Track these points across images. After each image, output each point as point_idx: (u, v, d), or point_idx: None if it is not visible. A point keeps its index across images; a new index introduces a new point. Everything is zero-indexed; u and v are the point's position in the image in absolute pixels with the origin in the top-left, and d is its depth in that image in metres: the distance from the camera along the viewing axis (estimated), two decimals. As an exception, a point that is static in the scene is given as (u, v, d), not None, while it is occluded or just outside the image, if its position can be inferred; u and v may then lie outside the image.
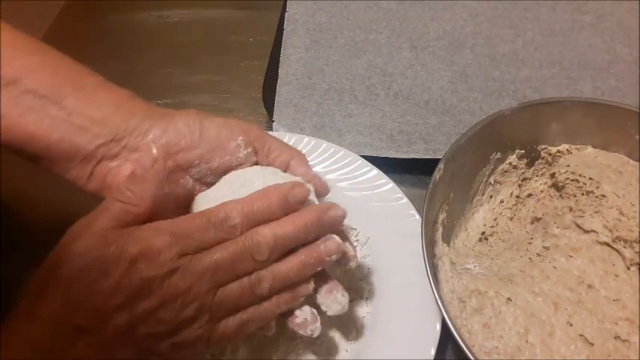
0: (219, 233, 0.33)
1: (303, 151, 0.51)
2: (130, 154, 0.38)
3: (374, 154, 0.52)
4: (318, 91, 0.59)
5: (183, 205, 0.39)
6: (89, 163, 0.38)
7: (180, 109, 0.40)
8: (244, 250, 0.33)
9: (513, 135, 0.46)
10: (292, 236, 0.34)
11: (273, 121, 0.56)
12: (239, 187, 0.37)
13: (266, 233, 0.33)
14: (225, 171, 0.39)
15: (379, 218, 0.47)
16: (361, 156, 0.51)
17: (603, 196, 0.42)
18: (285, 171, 0.40)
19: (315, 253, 0.35)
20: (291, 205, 0.35)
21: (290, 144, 0.51)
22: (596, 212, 0.42)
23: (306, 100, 0.58)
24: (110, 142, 0.37)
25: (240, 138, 0.39)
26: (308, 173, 0.40)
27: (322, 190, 0.40)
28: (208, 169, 0.39)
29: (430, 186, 0.41)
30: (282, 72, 0.60)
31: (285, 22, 0.65)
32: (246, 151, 0.39)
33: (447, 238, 0.44)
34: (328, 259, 0.35)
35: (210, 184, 0.40)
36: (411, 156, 0.52)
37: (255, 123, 0.59)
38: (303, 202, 0.35)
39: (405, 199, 0.47)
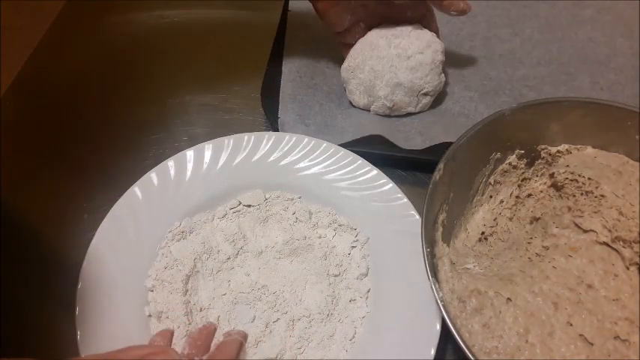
0: None
1: (303, 151, 0.51)
2: None
3: (374, 151, 0.52)
4: (319, 92, 0.59)
5: None
6: None
7: (181, 109, 0.39)
8: None
9: (513, 135, 0.46)
10: None
11: (278, 118, 0.55)
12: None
13: None
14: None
15: (379, 218, 0.47)
16: (360, 155, 0.51)
17: (602, 196, 0.42)
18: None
19: None
20: None
21: (290, 144, 0.52)
22: (595, 212, 0.42)
23: (308, 100, 0.58)
24: None
25: None
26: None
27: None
28: None
29: (430, 186, 0.41)
30: (284, 72, 0.60)
31: (286, 22, 0.65)
32: None
33: (447, 238, 0.44)
34: None
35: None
36: (409, 147, 0.52)
37: (254, 123, 0.59)
38: None
39: (405, 199, 0.48)
